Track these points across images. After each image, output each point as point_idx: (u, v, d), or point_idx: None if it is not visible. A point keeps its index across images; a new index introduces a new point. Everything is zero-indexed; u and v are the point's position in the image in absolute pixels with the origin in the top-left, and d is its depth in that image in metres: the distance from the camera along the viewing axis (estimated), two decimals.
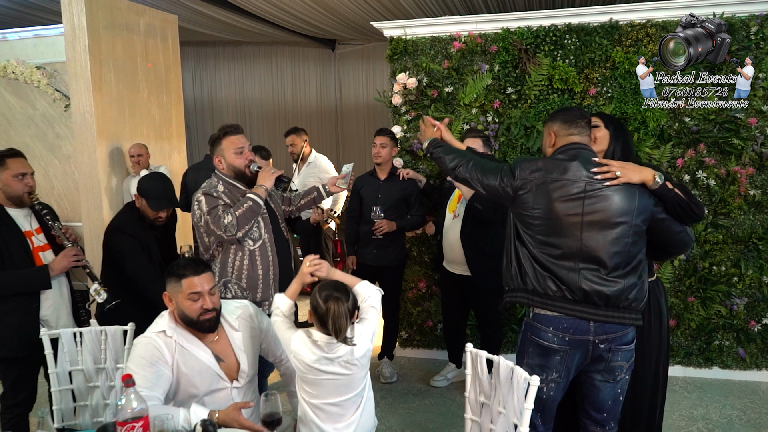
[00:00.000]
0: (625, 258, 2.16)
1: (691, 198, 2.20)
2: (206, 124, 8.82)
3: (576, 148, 2.25)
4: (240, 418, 1.92)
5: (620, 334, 2.21)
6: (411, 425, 3.45)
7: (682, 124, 3.77)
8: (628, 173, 2.15)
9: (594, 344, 2.20)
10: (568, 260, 2.18)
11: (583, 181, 2.16)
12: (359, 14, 6.01)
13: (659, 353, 2.55)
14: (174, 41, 5.05)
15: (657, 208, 2.20)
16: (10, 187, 2.72)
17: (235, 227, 2.63)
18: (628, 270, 2.17)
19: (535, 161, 2.26)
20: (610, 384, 2.28)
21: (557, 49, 3.87)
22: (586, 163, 2.19)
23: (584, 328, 2.18)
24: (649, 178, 2.15)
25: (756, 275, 3.79)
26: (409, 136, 4.19)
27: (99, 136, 4.22)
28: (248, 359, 2.19)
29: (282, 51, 8.51)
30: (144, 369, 1.97)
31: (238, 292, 2.74)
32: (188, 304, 2.04)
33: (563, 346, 2.20)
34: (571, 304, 2.18)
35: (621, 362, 2.25)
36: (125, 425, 1.67)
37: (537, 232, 2.21)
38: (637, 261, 2.20)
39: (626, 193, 2.15)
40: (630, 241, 2.16)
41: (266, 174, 2.77)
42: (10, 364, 2.71)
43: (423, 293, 4.36)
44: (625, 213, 2.15)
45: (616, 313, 2.17)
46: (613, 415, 2.33)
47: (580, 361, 2.24)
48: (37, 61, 4.68)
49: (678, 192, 2.17)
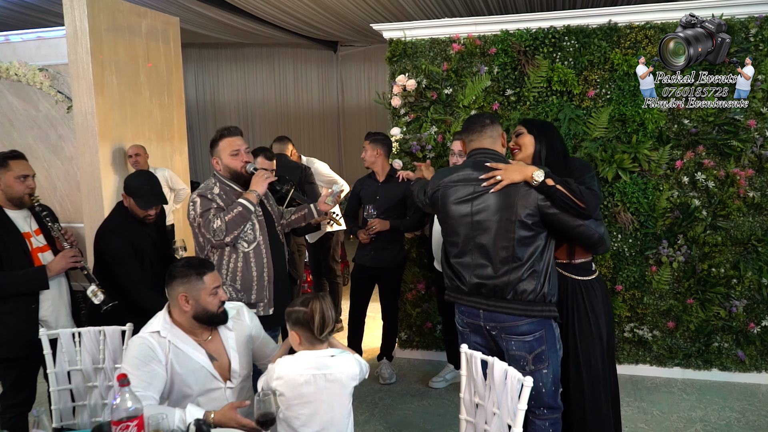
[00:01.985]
0: (512, 252, 2.36)
1: (576, 194, 2.28)
2: (209, 125, 8.86)
3: (473, 154, 2.52)
4: (237, 416, 1.94)
5: (510, 324, 2.39)
6: (409, 426, 3.46)
7: (681, 126, 3.77)
8: (510, 174, 2.34)
9: (487, 330, 2.47)
10: (465, 256, 2.47)
11: (472, 184, 2.42)
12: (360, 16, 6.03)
13: (597, 351, 2.57)
14: (176, 43, 5.08)
15: (545, 203, 2.33)
16: (12, 188, 2.74)
17: (223, 232, 2.65)
18: (517, 264, 2.36)
19: (441, 171, 2.61)
20: (523, 373, 2.32)
21: (556, 51, 3.88)
22: (476, 168, 2.44)
23: (476, 314, 2.47)
24: (529, 176, 2.32)
25: (755, 277, 3.78)
26: (408, 138, 4.21)
27: (100, 138, 4.24)
28: (240, 359, 2.21)
29: (284, 53, 8.55)
30: (138, 369, 1.99)
31: (233, 294, 2.76)
32: (210, 299, 2.12)
33: (464, 328, 2.56)
34: (464, 295, 2.50)
35: (519, 352, 2.40)
36: (120, 424, 1.68)
37: (444, 233, 2.57)
38: (528, 255, 2.35)
39: (506, 191, 2.36)
40: (516, 236, 2.34)
41: (259, 179, 2.77)
42: (10, 365, 2.73)
43: (422, 294, 4.37)
44: (504, 208, 2.36)
45: (503, 304, 2.39)
46: (541, 403, 2.44)
47: (484, 342, 2.52)
48: (39, 63, 4.71)
49: (561, 188, 2.29)
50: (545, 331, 2.41)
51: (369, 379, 4.05)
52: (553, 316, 2.41)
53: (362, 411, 3.64)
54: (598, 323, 2.58)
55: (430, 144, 4.14)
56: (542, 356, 2.41)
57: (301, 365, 1.98)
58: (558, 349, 2.47)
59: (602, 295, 2.63)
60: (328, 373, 1.98)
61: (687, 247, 3.85)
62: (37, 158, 4.82)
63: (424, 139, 4.15)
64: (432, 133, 4.14)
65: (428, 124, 4.15)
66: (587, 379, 2.57)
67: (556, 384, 2.47)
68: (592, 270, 2.64)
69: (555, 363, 2.45)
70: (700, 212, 3.80)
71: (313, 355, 2.00)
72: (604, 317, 2.60)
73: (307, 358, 2.00)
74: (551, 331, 2.43)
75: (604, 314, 2.60)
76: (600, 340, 2.59)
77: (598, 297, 2.59)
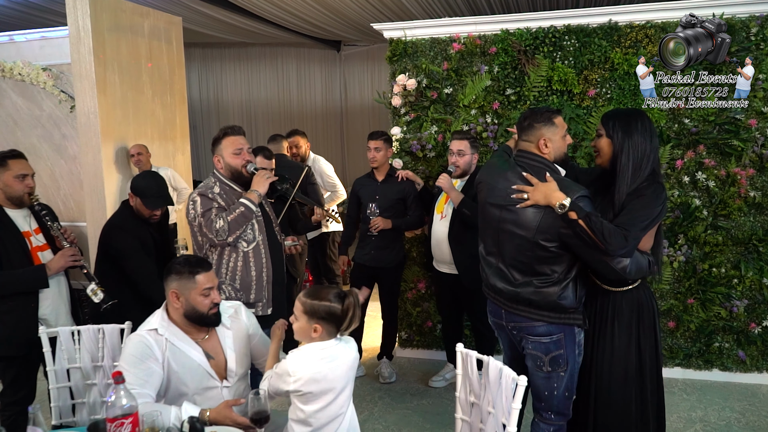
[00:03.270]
0: (528, 268, 2.34)
1: (596, 234, 2.14)
2: (212, 124, 8.88)
3: (518, 156, 2.44)
4: (232, 414, 1.96)
5: (527, 325, 2.40)
6: (408, 425, 3.47)
7: (681, 126, 3.76)
8: (536, 196, 2.27)
9: (509, 329, 2.50)
10: (490, 257, 2.50)
11: (506, 191, 2.37)
12: (363, 15, 6.03)
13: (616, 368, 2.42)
14: (178, 43, 5.10)
15: (566, 231, 2.23)
16: (11, 187, 2.77)
17: (226, 232, 2.67)
18: (529, 279, 2.34)
19: (489, 165, 2.60)
20: (540, 373, 2.42)
21: (556, 51, 3.88)
22: (514, 175, 2.38)
23: (499, 313, 2.50)
24: (553, 203, 2.22)
25: (756, 277, 3.77)
26: (409, 137, 4.21)
27: (103, 137, 4.27)
28: (237, 358, 2.22)
29: (287, 52, 8.57)
30: (135, 367, 2.00)
31: (232, 293, 2.77)
32: (201, 299, 2.10)
33: (493, 325, 2.63)
34: (490, 290, 2.54)
35: (536, 352, 2.40)
36: (115, 421, 1.70)
37: (479, 226, 2.58)
38: (547, 269, 2.31)
39: (532, 211, 2.30)
40: (533, 255, 2.31)
41: (260, 179, 2.78)
42: (9, 363, 2.76)
43: (422, 294, 4.37)
44: (525, 228, 2.32)
45: (522, 307, 2.39)
46: (549, 406, 2.43)
47: (508, 340, 2.58)
48: (43, 62, 4.74)
49: (582, 224, 2.17)
50: (565, 335, 2.35)
51: (369, 378, 4.10)
52: (574, 324, 2.34)
53: (362, 410, 3.64)
54: (623, 338, 2.40)
55: (431, 143, 4.15)
56: (559, 360, 2.37)
57: (314, 359, 1.97)
58: (578, 355, 2.39)
59: (636, 308, 2.40)
60: (339, 360, 2.00)
61: (687, 247, 3.84)
62: (41, 157, 4.85)
63: (425, 138, 4.15)
64: (432, 132, 4.14)
65: (428, 123, 4.15)
66: (597, 397, 2.45)
67: (570, 390, 2.41)
68: (626, 282, 2.40)
69: (571, 369, 2.39)
70: (700, 212, 3.79)
71: (320, 347, 1.99)
72: (635, 332, 2.40)
73: (319, 351, 1.98)
74: (571, 337, 2.36)
75: (636, 329, 2.40)
76: (624, 357, 2.41)
77: (626, 310, 2.40)
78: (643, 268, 2.32)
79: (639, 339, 2.42)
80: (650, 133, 2.31)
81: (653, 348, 2.45)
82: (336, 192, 4.98)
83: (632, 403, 2.42)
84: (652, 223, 2.26)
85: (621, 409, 2.43)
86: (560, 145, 2.41)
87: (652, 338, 2.44)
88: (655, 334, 2.45)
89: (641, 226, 2.21)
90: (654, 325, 2.45)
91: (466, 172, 3.59)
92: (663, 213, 2.30)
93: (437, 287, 3.99)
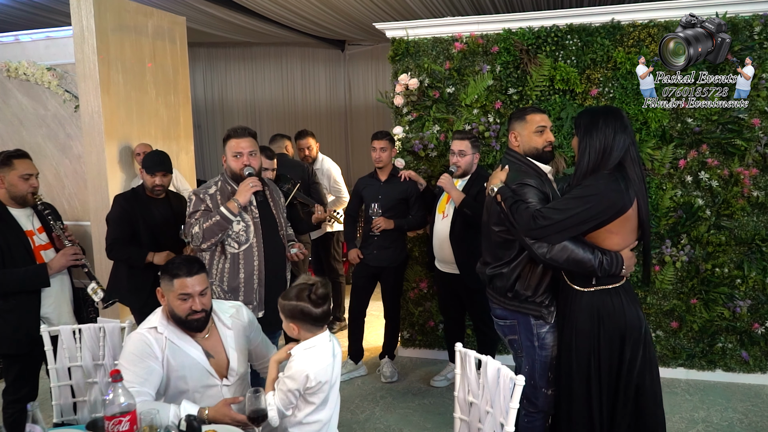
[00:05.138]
0: (490, 252, 2.61)
1: (510, 212, 2.37)
2: (217, 124, 8.90)
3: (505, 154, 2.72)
4: (230, 412, 1.97)
5: (492, 306, 2.67)
6: (409, 425, 3.47)
7: (684, 125, 3.75)
8: (488, 184, 2.57)
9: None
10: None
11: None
12: (367, 15, 6.03)
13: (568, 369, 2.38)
14: (182, 43, 5.11)
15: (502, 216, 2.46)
16: (16, 187, 2.79)
17: (200, 239, 2.71)
18: (500, 263, 2.54)
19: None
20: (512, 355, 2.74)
21: (559, 50, 3.87)
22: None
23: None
24: (489, 187, 2.53)
25: (759, 277, 3.75)
26: (411, 137, 4.21)
27: (107, 137, 4.29)
28: (238, 357, 2.22)
29: (292, 52, 8.57)
30: (135, 365, 2.02)
31: (221, 294, 2.79)
32: (178, 303, 2.08)
33: None
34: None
35: (500, 333, 2.71)
36: (113, 419, 1.71)
37: None
38: (509, 255, 2.51)
39: (489, 200, 2.58)
40: (490, 240, 2.60)
41: (243, 188, 2.75)
42: (12, 361, 2.78)
43: (425, 293, 4.37)
44: (487, 215, 2.64)
45: (489, 288, 2.67)
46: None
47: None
48: (48, 62, 4.77)
49: (503, 205, 2.41)
50: (518, 322, 2.52)
51: (371, 377, 4.10)
52: (529, 313, 2.48)
53: (363, 409, 3.65)
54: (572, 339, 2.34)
55: (433, 143, 4.14)
56: (514, 344, 2.62)
57: (322, 356, 2.00)
58: (536, 347, 2.49)
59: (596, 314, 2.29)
60: (337, 354, 2.07)
61: (690, 247, 3.83)
62: (46, 157, 4.88)
63: (427, 138, 4.15)
64: (434, 131, 4.14)
65: (430, 122, 4.15)
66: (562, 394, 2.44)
67: (533, 379, 2.51)
68: (591, 282, 2.32)
69: (530, 358, 2.51)
70: (703, 212, 3.78)
71: (303, 346, 2.01)
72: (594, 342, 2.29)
73: (323, 347, 2.01)
74: (527, 326, 2.50)
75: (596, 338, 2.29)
76: (570, 358, 2.35)
77: (585, 311, 2.31)
78: (582, 262, 2.22)
79: (599, 349, 2.31)
80: (616, 129, 2.25)
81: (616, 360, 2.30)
82: (340, 197, 4.99)
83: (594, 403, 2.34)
84: (586, 213, 2.19)
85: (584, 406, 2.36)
86: (529, 139, 2.59)
87: (617, 350, 2.29)
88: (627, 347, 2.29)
89: (567, 214, 2.21)
90: (621, 337, 2.29)
91: (467, 172, 3.59)
92: (610, 206, 2.20)
93: (439, 287, 3.99)
